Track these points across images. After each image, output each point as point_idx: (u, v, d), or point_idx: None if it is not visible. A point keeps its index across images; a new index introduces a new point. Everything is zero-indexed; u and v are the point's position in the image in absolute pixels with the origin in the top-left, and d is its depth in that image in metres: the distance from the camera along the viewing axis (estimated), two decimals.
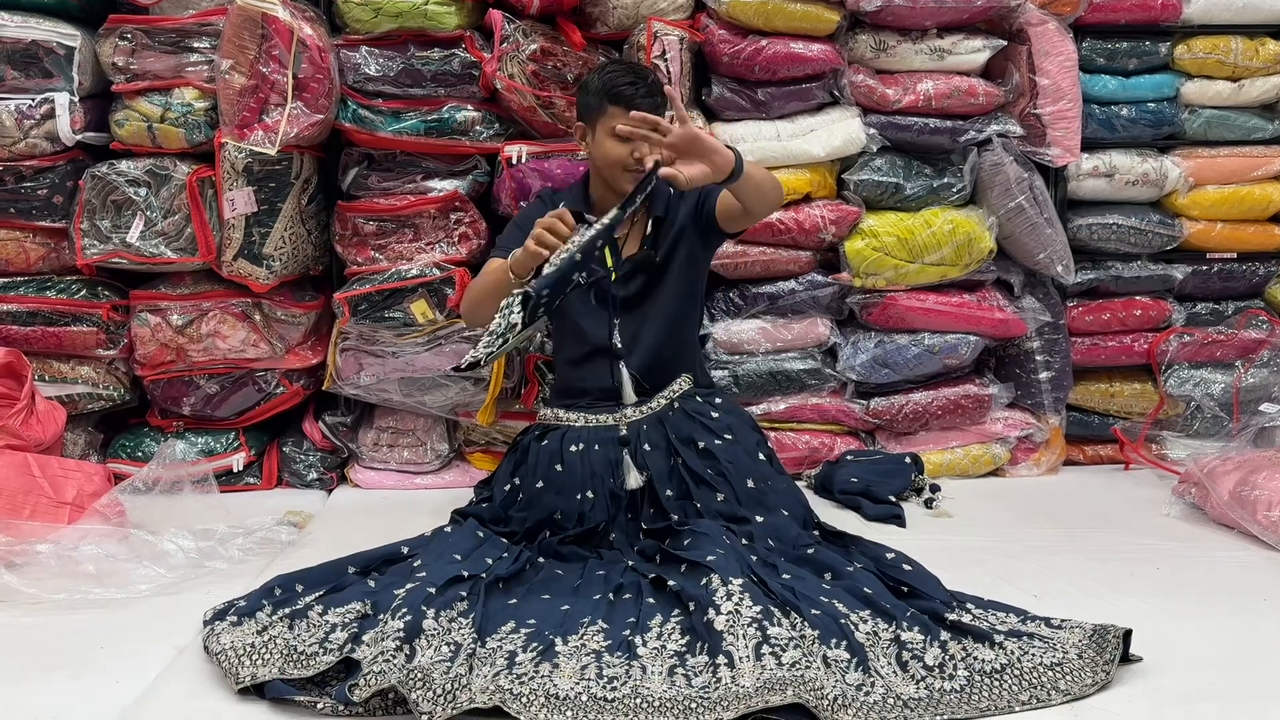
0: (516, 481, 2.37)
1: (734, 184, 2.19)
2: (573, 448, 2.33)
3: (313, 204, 2.93)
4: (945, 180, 2.97)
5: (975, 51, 2.96)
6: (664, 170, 2.10)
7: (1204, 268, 3.19)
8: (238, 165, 2.70)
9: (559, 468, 2.31)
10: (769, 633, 1.67)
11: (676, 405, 2.41)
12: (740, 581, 1.81)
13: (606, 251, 2.17)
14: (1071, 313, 3.12)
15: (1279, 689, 1.65)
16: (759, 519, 2.17)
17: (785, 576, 1.92)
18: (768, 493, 2.26)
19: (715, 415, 2.40)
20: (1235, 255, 3.19)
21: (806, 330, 2.98)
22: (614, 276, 2.42)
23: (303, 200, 2.87)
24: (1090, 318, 3.13)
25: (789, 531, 2.16)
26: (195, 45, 2.75)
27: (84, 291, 2.84)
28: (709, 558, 1.92)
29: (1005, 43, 2.99)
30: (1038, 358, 3.04)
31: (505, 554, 2.11)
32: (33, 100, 2.73)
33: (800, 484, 2.70)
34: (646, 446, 2.34)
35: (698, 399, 2.44)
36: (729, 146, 2.17)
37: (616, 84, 2.35)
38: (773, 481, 2.31)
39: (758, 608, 1.73)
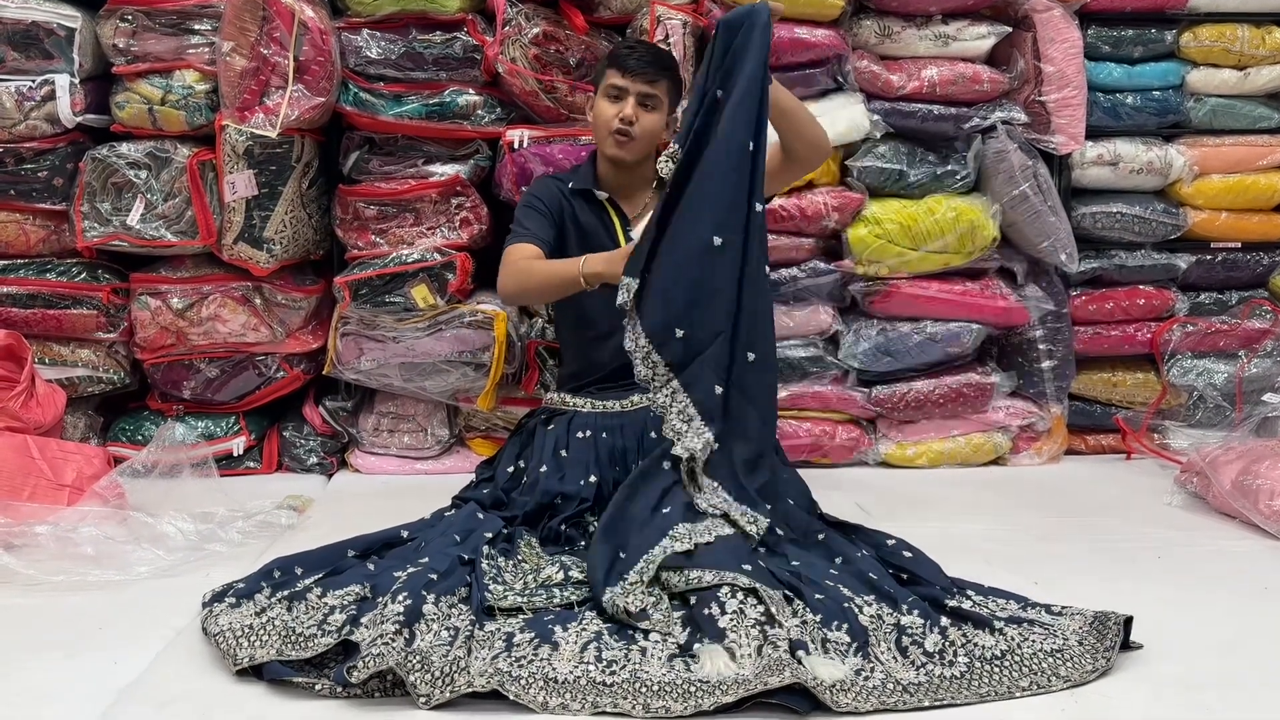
0: (520, 464, 2.37)
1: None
2: (580, 434, 2.33)
3: (313, 188, 2.92)
4: (949, 167, 2.95)
5: (980, 38, 2.94)
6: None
7: (1208, 257, 3.17)
8: (238, 148, 2.69)
9: (564, 453, 2.31)
10: (770, 634, 1.66)
11: None
12: (746, 580, 1.81)
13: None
14: (1075, 301, 3.10)
15: (1278, 677, 1.65)
16: (767, 507, 2.17)
17: (795, 564, 1.91)
18: (776, 482, 2.25)
19: None
20: (1239, 245, 3.18)
21: (809, 318, 2.97)
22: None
23: (303, 184, 2.86)
24: (1093, 307, 3.12)
25: (799, 519, 2.16)
26: (196, 27, 2.73)
27: (84, 274, 2.83)
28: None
29: (1010, 29, 2.98)
30: (1040, 346, 3.04)
31: (503, 528, 2.11)
32: (33, 82, 2.72)
33: None
34: (653, 434, 2.33)
35: None
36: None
37: (618, 50, 2.41)
38: (779, 471, 2.30)
39: (761, 607, 1.72)
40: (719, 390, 2.03)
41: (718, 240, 2.02)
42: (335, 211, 2.90)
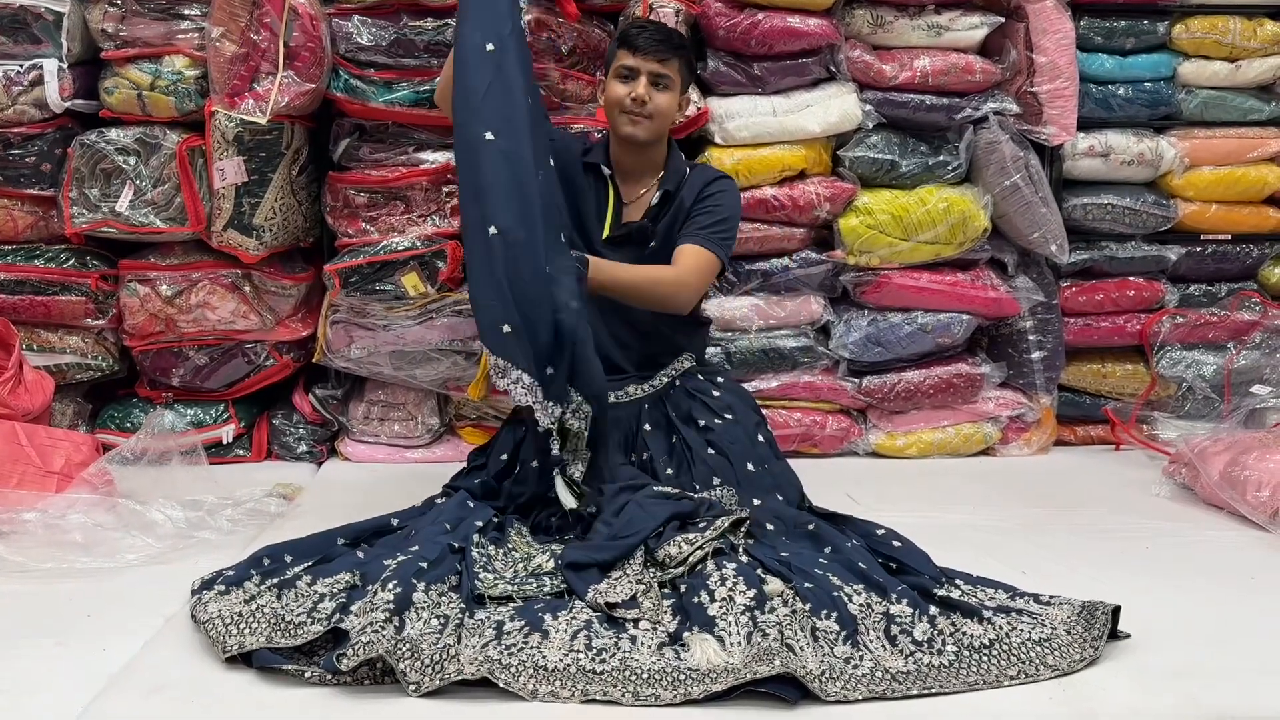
0: (515, 454, 2.36)
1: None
2: None
3: (304, 175, 2.90)
4: (941, 158, 2.96)
5: (973, 28, 2.95)
6: None
7: (1198, 249, 3.19)
8: (228, 134, 2.68)
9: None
10: (759, 620, 1.67)
11: (678, 384, 2.40)
12: (734, 566, 1.81)
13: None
14: (1065, 293, 3.11)
15: (1265, 666, 1.66)
16: (756, 502, 2.17)
17: (783, 554, 1.92)
18: (765, 476, 2.26)
19: (716, 394, 2.40)
20: (1229, 237, 3.20)
21: (800, 308, 2.98)
22: (605, 234, 2.41)
23: (293, 171, 2.85)
24: (1083, 298, 3.13)
25: (788, 512, 2.17)
26: (186, 12, 2.72)
27: (73, 261, 2.82)
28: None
29: (1003, 19, 2.98)
30: (1030, 337, 3.04)
31: (494, 517, 2.11)
32: (21, 67, 2.70)
33: None
34: (647, 426, 2.33)
35: (699, 377, 2.44)
36: (578, 259, 2.15)
37: (629, 30, 2.40)
38: (770, 465, 2.30)
39: (751, 592, 1.73)
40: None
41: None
42: (325, 199, 2.89)
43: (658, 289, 2.30)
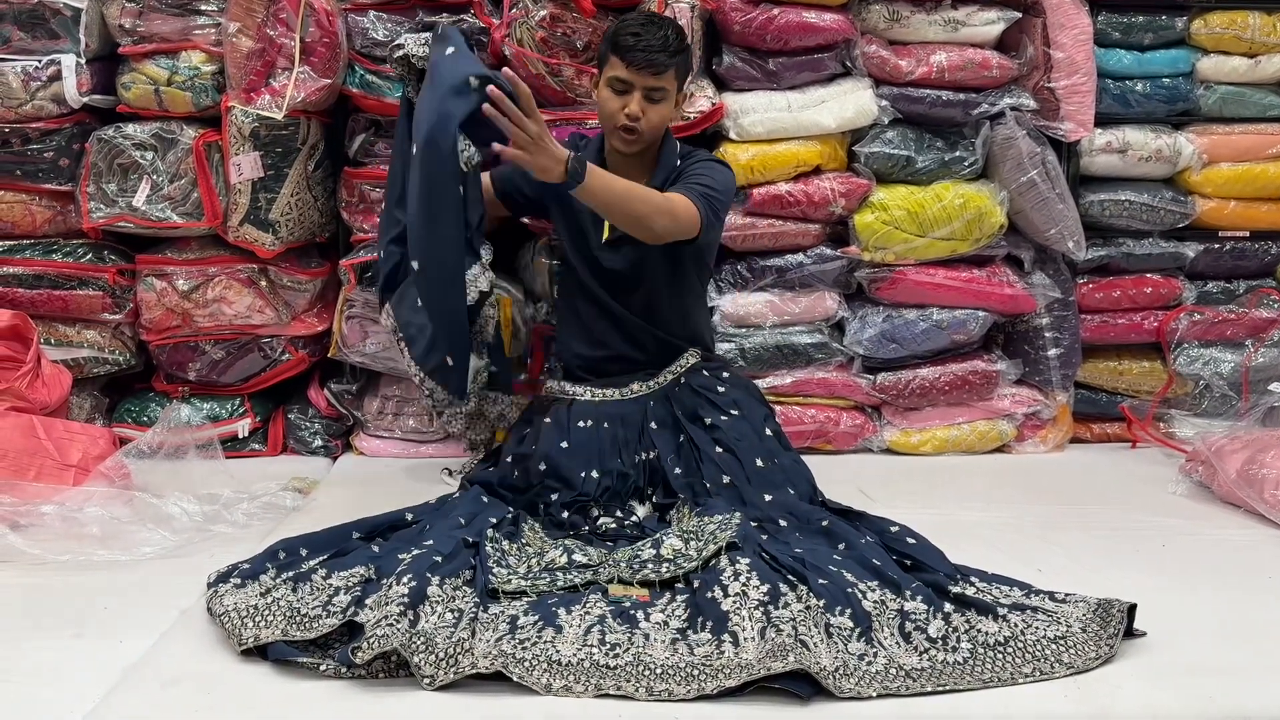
0: (523, 453, 2.36)
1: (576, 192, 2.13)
2: (580, 423, 2.32)
3: (319, 170, 2.91)
4: (957, 154, 2.94)
5: (990, 23, 2.93)
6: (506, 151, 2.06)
7: (1216, 246, 3.16)
8: (244, 130, 2.69)
9: (564, 444, 2.30)
10: (773, 615, 1.66)
11: (683, 381, 2.40)
12: (747, 560, 1.81)
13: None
14: (1081, 289, 3.10)
15: None
16: (768, 498, 2.17)
17: (797, 551, 1.92)
18: (775, 471, 2.25)
19: (722, 390, 2.39)
20: (1248, 234, 3.17)
21: (814, 304, 2.97)
22: (605, 237, 2.40)
23: (309, 166, 2.86)
24: (1100, 295, 3.11)
25: (800, 507, 2.16)
26: (202, 8, 2.73)
27: (90, 255, 2.83)
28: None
29: (1020, 14, 2.96)
30: (1047, 334, 3.03)
31: (508, 513, 2.12)
32: (39, 62, 2.72)
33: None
34: (654, 424, 2.33)
35: (704, 373, 2.43)
36: (571, 164, 2.08)
37: (622, 35, 2.29)
38: (780, 459, 2.30)
39: (765, 587, 1.73)
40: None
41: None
42: (341, 194, 2.90)
43: (642, 205, 2.17)
